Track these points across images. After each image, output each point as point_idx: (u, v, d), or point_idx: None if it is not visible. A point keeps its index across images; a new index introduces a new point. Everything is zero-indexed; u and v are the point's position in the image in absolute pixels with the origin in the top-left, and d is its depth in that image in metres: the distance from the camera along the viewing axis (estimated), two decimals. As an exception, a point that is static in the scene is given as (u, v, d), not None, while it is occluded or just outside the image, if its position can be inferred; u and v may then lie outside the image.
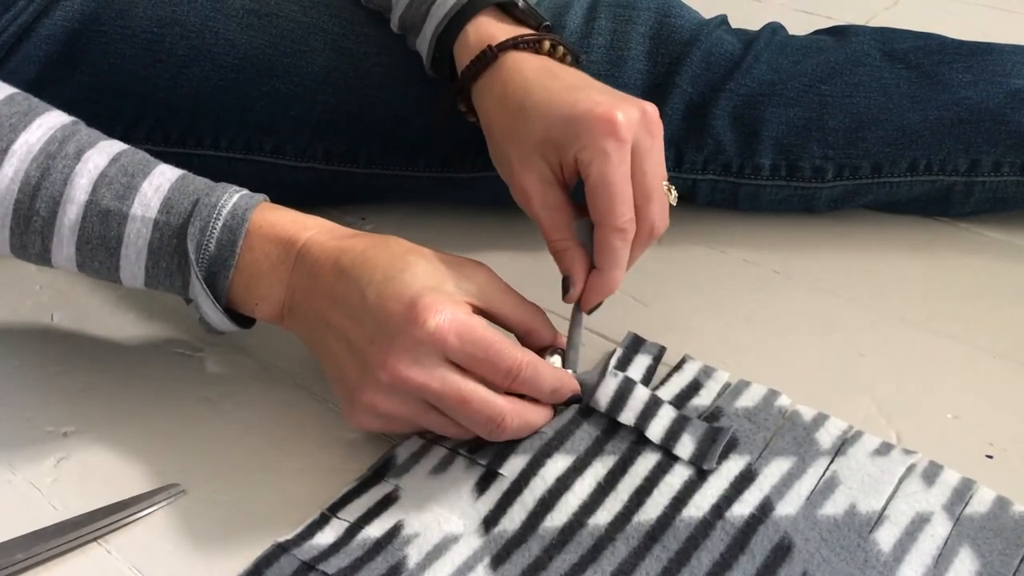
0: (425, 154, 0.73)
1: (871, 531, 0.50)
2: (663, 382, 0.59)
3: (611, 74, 0.71)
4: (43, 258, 0.56)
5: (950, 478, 0.53)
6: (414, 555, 0.50)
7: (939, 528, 0.50)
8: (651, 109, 0.57)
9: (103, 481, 0.55)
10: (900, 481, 0.53)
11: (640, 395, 0.55)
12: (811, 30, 0.78)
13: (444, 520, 0.52)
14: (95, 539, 0.52)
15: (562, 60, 0.63)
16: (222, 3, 0.72)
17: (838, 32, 0.76)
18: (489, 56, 0.61)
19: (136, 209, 0.55)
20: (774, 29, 0.75)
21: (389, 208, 0.77)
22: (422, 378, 0.50)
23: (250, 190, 0.74)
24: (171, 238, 0.55)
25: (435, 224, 0.76)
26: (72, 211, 0.54)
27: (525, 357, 0.52)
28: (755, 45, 0.72)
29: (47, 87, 0.71)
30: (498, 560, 0.50)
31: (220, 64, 0.71)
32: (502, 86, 0.60)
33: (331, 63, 0.72)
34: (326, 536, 0.52)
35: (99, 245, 0.55)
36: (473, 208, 0.76)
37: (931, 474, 0.53)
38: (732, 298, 0.68)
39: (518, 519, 0.51)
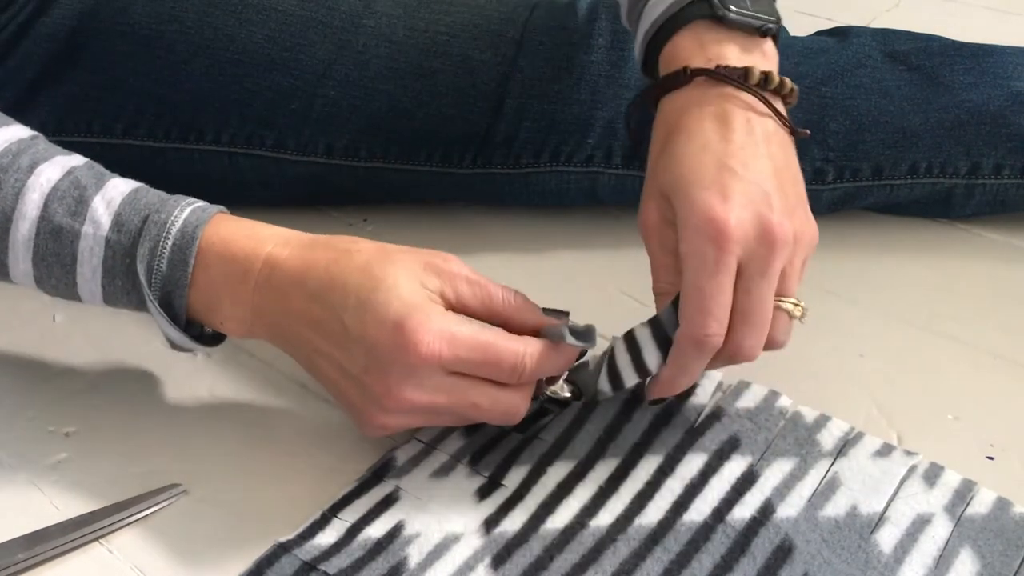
0: (426, 148, 0.73)
1: (872, 532, 0.50)
2: None
3: (611, 74, 0.71)
4: (2, 273, 0.55)
5: (951, 479, 0.53)
6: (415, 555, 0.50)
7: (940, 529, 0.50)
8: (782, 230, 0.50)
9: (104, 481, 0.55)
10: (901, 482, 0.53)
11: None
12: (812, 31, 0.78)
13: (445, 520, 0.52)
14: (96, 539, 0.52)
15: (776, 91, 0.55)
16: (221, -1, 0.72)
17: (839, 34, 0.76)
18: (681, 79, 0.55)
19: (88, 227, 0.53)
20: (775, 30, 0.75)
21: (390, 208, 0.77)
22: (427, 398, 0.50)
23: (252, 185, 0.75)
24: (123, 257, 0.53)
25: (436, 224, 0.76)
26: (24, 227, 0.53)
27: (524, 348, 0.51)
28: (756, 46, 0.72)
29: (47, 85, 0.72)
30: (499, 560, 0.50)
31: (219, 59, 0.71)
32: (676, 113, 0.54)
33: (331, 56, 0.72)
34: (327, 536, 0.51)
35: (55, 262, 0.54)
36: (475, 207, 0.76)
37: (932, 475, 0.53)
38: (733, 299, 0.68)
39: (519, 520, 0.52)
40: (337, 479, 0.55)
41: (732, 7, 0.55)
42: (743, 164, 0.52)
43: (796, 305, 0.53)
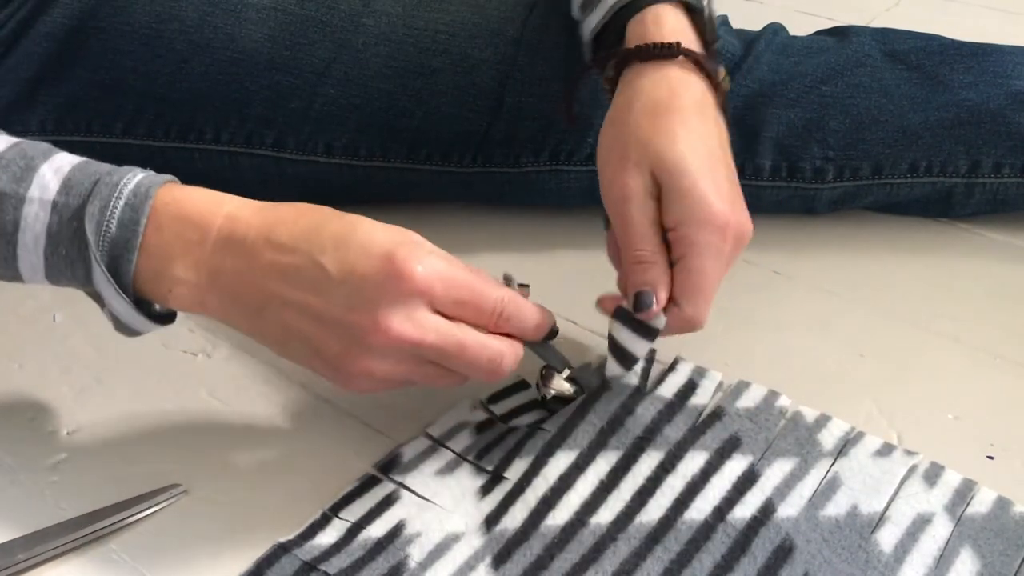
0: (426, 147, 0.73)
1: (872, 532, 0.50)
2: (659, 383, 0.59)
3: (612, 73, 0.71)
4: None
5: (951, 479, 0.53)
6: (416, 554, 0.50)
7: (940, 529, 0.50)
8: (750, 229, 0.57)
9: (105, 481, 0.55)
10: (902, 482, 0.53)
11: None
12: (812, 31, 0.78)
13: (446, 519, 0.52)
14: (97, 539, 0.52)
15: (717, 88, 0.60)
16: (220, -2, 0.72)
17: (839, 33, 0.76)
18: (671, 51, 0.58)
19: (34, 191, 0.50)
20: (775, 30, 0.75)
21: (390, 208, 0.77)
22: (417, 333, 0.49)
23: (252, 184, 0.75)
24: (70, 220, 0.50)
25: (436, 223, 0.75)
26: None
27: (505, 293, 0.51)
28: (756, 46, 0.73)
29: (47, 83, 0.72)
30: (500, 559, 0.50)
31: (219, 58, 0.71)
32: (666, 90, 0.57)
33: (330, 55, 0.72)
34: (327, 536, 0.52)
35: None
36: (474, 206, 0.76)
37: (932, 475, 0.53)
38: (733, 299, 0.67)
39: (520, 518, 0.52)
40: (337, 479, 0.55)
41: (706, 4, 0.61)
42: (728, 162, 0.57)
43: None
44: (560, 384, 0.57)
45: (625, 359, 0.56)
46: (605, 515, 0.51)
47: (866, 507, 0.51)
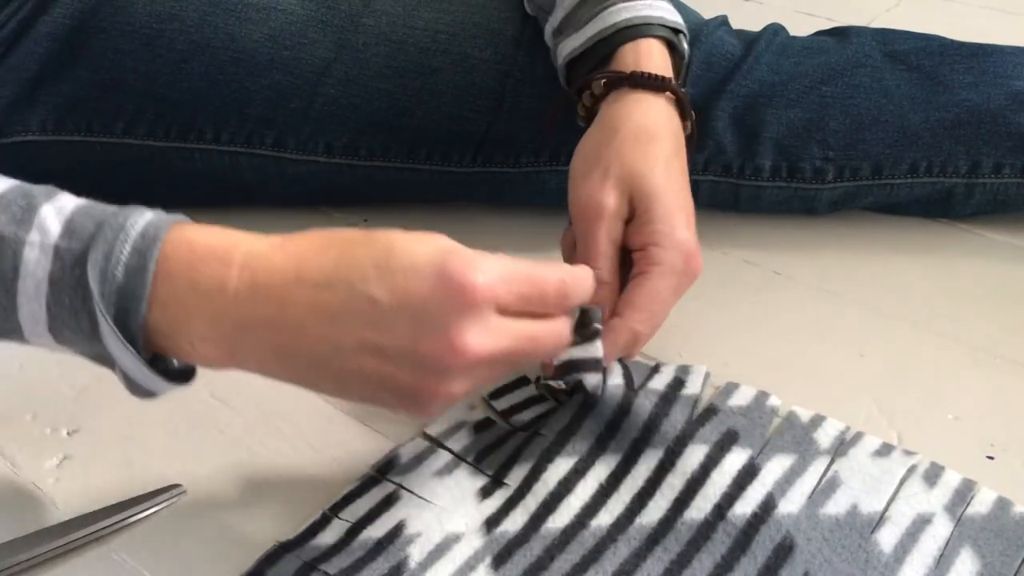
0: (426, 147, 0.73)
1: (872, 531, 0.50)
2: (645, 381, 0.59)
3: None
4: None
5: (951, 479, 0.53)
6: (416, 555, 0.50)
7: (940, 529, 0.50)
8: (701, 268, 0.59)
9: (105, 481, 0.55)
10: (901, 482, 0.53)
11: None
12: (812, 31, 0.78)
13: (446, 520, 0.52)
14: (97, 539, 0.52)
15: (688, 128, 0.64)
16: (221, -2, 0.72)
17: (839, 33, 0.76)
18: (662, 84, 0.61)
19: (34, 234, 0.45)
20: (775, 30, 0.75)
21: (390, 208, 0.77)
22: (493, 342, 0.45)
23: (252, 184, 0.75)
24: (73, 267, 0.45)
25: (436, 223, 0.75)
26: None
27: (562, 272, 0.48)
28: (756, 46, 0.73)
29: (47, 83, 0.72)
30: (500, 560, 0.50)
31: (219, 58, 0.71)
32: (653, 119, 0.60)
33: (331, 55, 0.72)
34: (328, 536, 0.51)
35: None
36: (474, 207, 0.76)
37: (932, 475, 0.53)
38: (733, 299, 0.68)
39: (520, 520, 0.52)
40: (337, 479, 0.55)
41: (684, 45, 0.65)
42: (689, 192, 0.60)
43: None
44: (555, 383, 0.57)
45: (577, 369, 0.55)
46: (605, 517, 0.51)
47: (866, 507, 0.51)
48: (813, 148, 0.71)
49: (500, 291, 0.45)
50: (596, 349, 0.55)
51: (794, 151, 0.71)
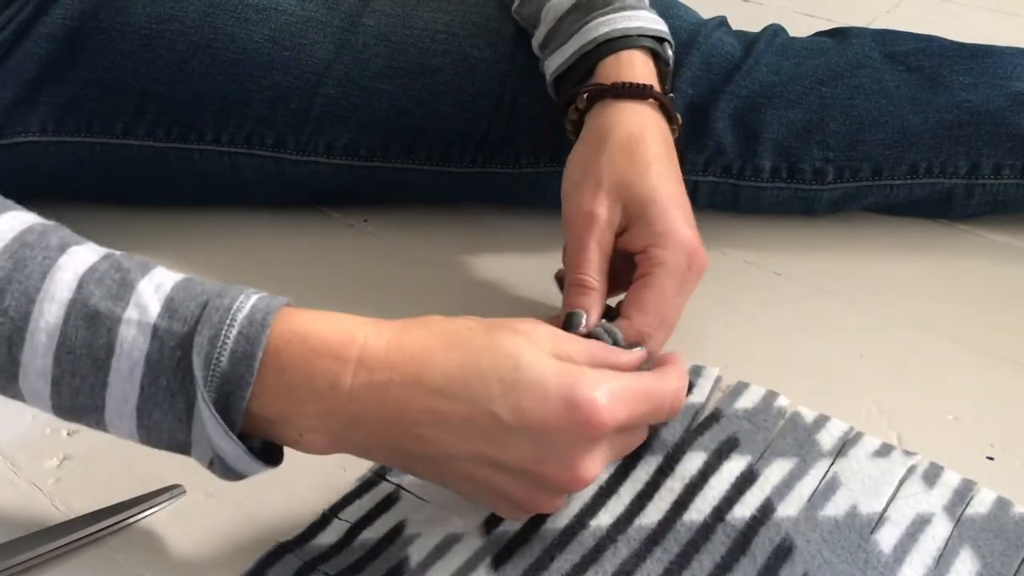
0: (426, 147, 0.73)
1: (872, 532, 0.50)
2: None
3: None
4: (6, 374, 0.45)
5: (951, 479, 0.53)
6: (415, 555, 0.50)
7: (940, 529, 0.50)
8: (707, 261, 0.58)
9: (105, 482, 0.55)
10: (901, 482, 0.53)
11: None
12: (812, 32, 0.79)
13: (446, 521, 0.52)
14: (97, 539, 0.52)
15: (675, 132, 0.64)
16: (221, -2, 0.72)
17: (839, 34, 0.76)
18: (644, 92, 0.61)
19: (132, 312, 0.44)
20: (775, 31, 0.75)
21: (391, 208, 0.77)
22: (603, 465, 0.47)
23: (252, 184, 0.75)
24: (174, 349, 0.44)
25: (437, 224, 0.76)
26: (51, 312, 0.43)
27: (674, 383, 0.49)
28: (756, 47, 0.73)
29: (47, 84, 0.72)
30: (499, 560, 0.50)
31: (219, 59, 0.71)
32: (638, 126, 0.60)
33: (331, 56, 0.72)
34: (327, 537, 0.52)
35: (84, 355, 0.44)
36: (474, 207, 0.76)
37: (932, 475, 0.53)
38: (733, 300, 0.68)
39: (519, 521, 0.52)
40: (338, 479, 0.55)
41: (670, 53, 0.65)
42: (688, 200, 0.60)
43: None
44: None
45: None
46: (605, 518, 0.51)
47: (865, 507, 0.51)
48: (813, 149, 0.71)
49: (621, 417, 0.45)
50: None
51: (794, 152, 0.71)
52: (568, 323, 0.55)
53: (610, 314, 0.58)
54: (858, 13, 1.04)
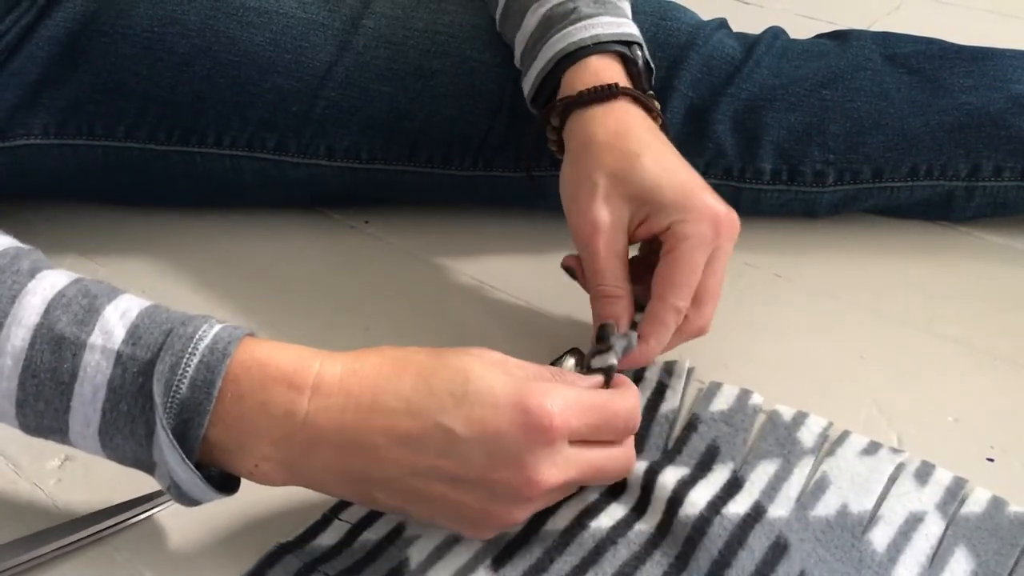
0: (426, 149, 0.73)
1: (864, 531, 0.50)
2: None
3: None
4: None
5: (942, 477, 0.53)
6: (415, 556, 0.50)
7: (933, 527, 0.51)
8: (738, 222, 0.58)
9: (107, 482, 0.55)
10: (891, 480, 0.53)
11: None
12: (812, 35, 0.79)
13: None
14: (98, 540, 0.52)
15: (657, 119, 0.63)
16: (222, 1, 0.72)
17: (840, 37, 0.76)
18: (611, 92, 0.60)
19: (96, 337, 0.45)
20: (775, 33, 0.75)
21: (391, 210, 0.77)
22: (563, 474, 0.46)
23: (253, 187, 0.75)
24: (136, 375, 0.45)
25: (437, 226, 0.76)
26: (17, 336, 0.44)
27: (628, 401, 0.49)
28: (756, 49, 0.73)
29: (49, 87, 0.72)
30: (499, 561, 0.50)
31: (221, 62, 0.71)
32: (615, 123, 0.60)
33: (332, 58, 0.72)
34: (328, 537, 0.52)
35: (48, 379, 0.45)
36: (474, 208, 0.76)
37: (923, 473, 0.53)
38: (733, 301, 0.68)
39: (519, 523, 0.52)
40: (338, 480, 0.55)
41: (640, 54, 0.65)
42: (692, 168, 0.59)
43: None
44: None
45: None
46: (605, 519, 0.51)
47: (856, 506, 0.51)
48: (814, 151, 0.71)
49: (573, 424, 0.46)
50: (610, 358, 0.54)
51: (795, 154, 0.71)
52: (601, 335, 0.55)
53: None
54: (859, 15, 1.04)
